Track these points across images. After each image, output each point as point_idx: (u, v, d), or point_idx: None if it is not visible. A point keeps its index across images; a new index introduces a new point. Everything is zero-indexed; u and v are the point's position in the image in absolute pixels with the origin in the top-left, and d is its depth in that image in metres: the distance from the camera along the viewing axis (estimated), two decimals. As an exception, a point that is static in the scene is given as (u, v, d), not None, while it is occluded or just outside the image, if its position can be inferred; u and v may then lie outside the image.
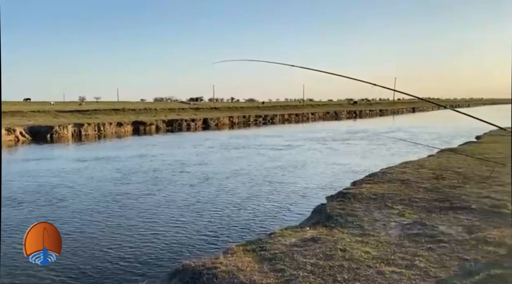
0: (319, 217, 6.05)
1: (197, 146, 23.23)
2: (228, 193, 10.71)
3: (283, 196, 10.23)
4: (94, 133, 37.09)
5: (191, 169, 14.65)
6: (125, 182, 12.35)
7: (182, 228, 7.73)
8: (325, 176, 13.04)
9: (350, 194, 6.99)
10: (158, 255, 6.26)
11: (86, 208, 9.42)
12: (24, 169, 14.95)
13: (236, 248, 4.68)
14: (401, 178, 8.42)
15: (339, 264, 3.96)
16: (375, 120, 57.28)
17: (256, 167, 14.87)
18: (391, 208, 6.13)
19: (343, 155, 18.25)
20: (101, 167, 15.50)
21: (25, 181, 12.61)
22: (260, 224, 7.74)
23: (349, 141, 24.51)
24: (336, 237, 4.83)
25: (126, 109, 52.04)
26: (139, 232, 7.58)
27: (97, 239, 7.21)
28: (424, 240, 4.67)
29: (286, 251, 4.39)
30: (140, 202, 9.94)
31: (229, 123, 48.22)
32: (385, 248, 4.45)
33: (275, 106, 71.02)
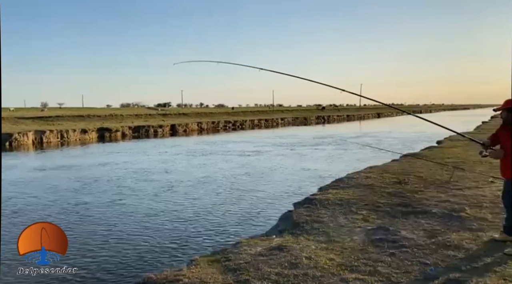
0: (285, 225, 6.04)
1: (162, 153, 22.85)
2: (193, 202, 10.52)
3: (251, 204, 10.16)
4: (56, 141, 35.83)
5: (155, 177, 14.34)
6: (85, 192, 11.90)
7: (144, 239, 7.48)
8: (293, 182, 13.11)
9: (317, 200, 7.04)
10: (119, 268, 6.02)
11: (41, 220, 8.98)
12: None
13: (200, 259, 4.59)
14: (366, 183, 8.57)
15: (303, 272, 3.95)
16: (342, 125, 58.41)
17: (223, 174, 14.75)
18: (356, 214, 6.22)
19: (310, 161, 18.43)
20: (61, 176, 14.91)
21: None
22: (226, 233, 7.62)
23: (317, 146, 24.82)
24: (302, 245, 4.82)
25: (91, 116, 50.67)
26: (98, 244, 7.27)
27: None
28: (387, 245, 4.74)
29: (251, 260, 4.34)
30: (100, 212, 9.58)
31: (198, 129, 47.85)
32: (349, 254, 4.48)
33: (244, 112, 71.16)
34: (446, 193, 7.26)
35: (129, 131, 42.01)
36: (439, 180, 8.55)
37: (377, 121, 75.17)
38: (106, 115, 52.60)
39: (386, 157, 14.65)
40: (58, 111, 59.07)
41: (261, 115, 64.96)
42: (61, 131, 37.33)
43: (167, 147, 27.09)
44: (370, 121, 73.15)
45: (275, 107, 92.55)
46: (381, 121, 74.71)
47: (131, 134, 41.57)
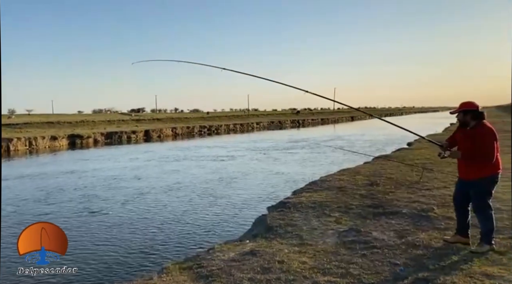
0: (259, 229, 6.02)
1: (134, 160, 22.45)
2: (164, 209, 10.32)
3: (224, 209, 10.07)
4: (24, 148, 34.68)
5: (124, 185, 14.04)
6: (49, 202, 11.49)
7: (112, 249, 7.22)
8: (267, 186, 13.11)
9: (290, 203, 7.06)
10: (86, 278, 5.82)
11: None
12: None
13: (171, 267, 4.50)
14: (338, 185, 8.67)
15: (276, 277, 3.94)
16: (317, 129, 59.07)
17: (196, 180, 14.60)
18: (329, 216, 6.27)
19: (284, 165, 18.52)
20: (24, 186, 14.39)
21: None
22: (199, 239, 7.51)
23: (291, 150, 24.98)
24: (275, 249, 4.81)
25: (61, 122, 49.36)
26: (62, 256, 7.04)
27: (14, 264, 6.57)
28: (358, 247, 4.80)
29: (224, 267, 4.30)
30: (64, 222, 9.23)
31: (172, 134, 47.34)
32: (322, 257, 4.50)
33: (220, 116, 70.93)
34: (416, 194, 7.43)
35: (101, 138, 41.13)
36: (409, 181, 8.75)
37: (350, 124, 76.43)
38: (77, 122, 51.36)
39: (358, 160, 14.90)
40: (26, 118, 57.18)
41: (236, 120, 64.96)
42: (30, 138, 36.18)
43: (139, 153, 26.65)
44: (344, 124, 74.30)
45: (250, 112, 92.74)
46: (355, 124, 75.99)
47: (103, 140, 40.71)
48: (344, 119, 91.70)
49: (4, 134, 36.79)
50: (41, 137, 37.31)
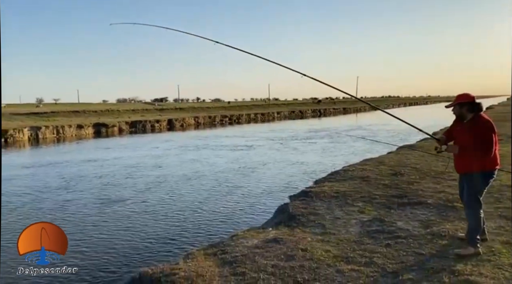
0: (281, 217, 6.05)
1: (156, 148, 22.81)
2: (185, 197, 10.47)
3: (245, 198, 10.14)
4: (52, 136, 35.72)
5: (145, 173, 14.26)
6: (71, 190, 11.77)
7: (138, 234, 7.41)
8: (287, 175, 13.11)
9: (313, 192, 7.05)
10: (113, 264, 5.98)
11: (26, 219, 8.82)
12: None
13: (196, 253, 4.59)
14: (361, 175, 8.59)
15: (299, 264, 3.97)
16: (338, 118, 58.46)
17: (216, 169, 14.73)
18: (352, 206, 6.24)
19: (305, 154, 18.45)
20: (48, 174, 14.84)
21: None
22: (221, 227, 7.62)
23: (311, 140, 24.86)
24: (298, 237, 4.84)
25: (87, 111, 50.47)
26: (89, 242, 7.17)
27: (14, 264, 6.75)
28: (382, 236, 4.77)
29: (248, 253, 4.35)
30: (85, 210, 9.47)
31: (195, 123, 47.78)
32: (345, 246, 4.50)
33: (241, 106, 71.01)
34: (442, 184, 7.30)
35: (126, 126, 41.92)
36: (435, 171, 8.59)
37: (373, 113, 75.27)
38: (102, 110, 52.42)
39: (381, 150, 14.71)
40: (53, 106, 58.67)
41: (257, 109, 64.91)
42: (57, 127, 37.20)
43: (162, 142, 27.07)
44: (366, 114, 73.24)
45: (271, 101, 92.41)
46: (378, 113, 74.80)
47: (128, 129, 41.48)
48: (367, 108, 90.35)
49: (33, 122, 37.95)
50: (68, 126, 38.31)
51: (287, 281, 3.60)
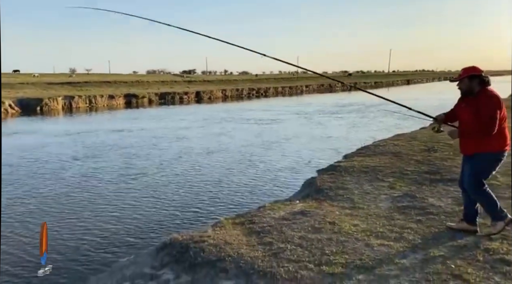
0: (309, 190, 6.01)
1: (183, 120, 23.09)
2: (213, 169, 10.57)
3: (272, 171, 10.17)
4: (85, 106, 36.66)
5: (171, 145, 14.50)
6: (102, 158, 12.08)
7: (165, 204, 7.58)
8: (316, 150, 13.01)
9: (341, 167, 6.95)
10: (142, 231, 6.17)
11: (61, 187, 9.17)
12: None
13: (225, 221, 4.64)
14: (393, 150, 8.39)
15: (327, 237, 3.94)
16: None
17: (242, 142, 14.77)
18: (382, 181, 6.11)
19: (333, 129, 18.20)
20: (75, 142, 15.33)
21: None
22: (249, 198, 7.70)
23: (340, 114, 24.44)
24: (325, 210, 4.80)
25: (118, 82, 51.32)
26: (117, 209, 7.40)
27: (79, 216, 7.08)
28: (413, 212, 4.66)
29: (275, 224, 4.36)
30: (114, 178, 9.69)
31: (222, 96, 47.83)
32: (374, 220, 4.43)
33: (268, 79, 70.42)
34: (477, 162, 7.02)
35: (155, 98, 42.49)
36: (470, 148, 8.26)
37: (406, 87, 73.03)
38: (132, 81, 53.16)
39: (413, 125, 14.27)
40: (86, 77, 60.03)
41: (285, 83, 64.18)
42: (89, 96, 38.08)
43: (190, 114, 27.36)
44: (398, 88, 71.14)
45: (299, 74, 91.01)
46: (411, 87, 72.53)
47: (157, 100, 42.05)
48: (400, 82, 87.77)
49: (66, 92, 39.00)
50: (100, 96, 39.15)
51: (315, 253, 3.59)
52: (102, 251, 5.58)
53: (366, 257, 3.48)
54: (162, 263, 3.64)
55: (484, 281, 3.05)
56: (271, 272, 3.24)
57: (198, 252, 3.62)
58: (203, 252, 3.61)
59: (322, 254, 3.57)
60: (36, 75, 49.97)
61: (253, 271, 3.29)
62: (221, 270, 3.36)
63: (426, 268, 3.26)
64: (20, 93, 35.48)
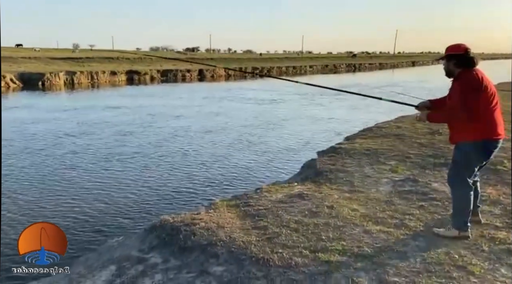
0: (308, 173, 5.83)
1: (182, 99, 22.79)
2: (210, 149, 10.31)
3: (270, 152, 9.95)
4: (87, 82, 36.35)
5: (166, 124, 14.22)
6: (96, 136, 11.88)
7: (161, 183, 7.37)
8: (317, 132, 12.79)
9: (342, 149, 6.74)
10: (136, 210, 6.02)
11: (40, 164, 8.98)
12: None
13: (219, 203, 4.48)
14: (396, 133, 8.16)
15: (324, 222, 3.77)
16: (373, 74, 56.35)
17: (241, 123, 14.52)
18: (384, 164, 5.91)
19: (335, 111, 17.92)
20: (70, 119, 15.17)
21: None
22: (246, 180, 7.52)
23: (343, 95, 23.99)
24: (324, 194, 4.62)
25: (120, 58, 50.72)
26: (108, 188, 7.22)
27: (67, 194, 6.92)
28: (415, 197, 4.48)
29: (271, 207, 4.19)
30: (106, 156, 9.48)
31: (225, 74, 47.31)
32: (374, 205, 4.26)
33: (272, 58, 69.43)
34: (483, 146, 6.80)
35: (158, 75, 42.07)
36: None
37: (411, 69, 72.03)
38: (135, 58, 52.53)
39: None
40: (89, 53, 59.30)
41: (289, 62, 63.35)
42: (91, 72, 37.71)
43: (190, 92, 27.05)
44: (403, 70, 70.19)
45: (304, 54, 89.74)
46: (416, 69, 71.50)
47: (159, 77, 41.66)
48: (404, 64, 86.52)
49: (69, 67, 38.60)
50: (102, 72, 38.75)
51: (310, 238, 3.42)
52: (91, 230, 5.46)
53: (364, 244, 3.31)
54: (151, 246, 3.49)
55: (489, 273, 2.89)
56: (264, 258, 3.08)
57: (189, 236, 3.46)
58: (194, 236, 3.45)
59: (318, 240, 3.41)
60: (38, 49, 49.27)
61: (245, 256, 3.13)
62: (211, 255, 3.20)
63: (428, 258, 3.09)
64: (22, 68, 35.17)
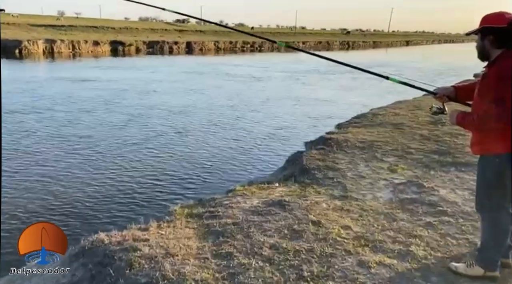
0: (292, 169, 4.95)
1: (160, 72, 21.59)
2: (179, 135, 8.92)
3: (252, 140, 8.75)
4: (68, 51, 34.68)
5: (134, 101, 13.00)
6: (49, 113, 10.74)
7: (106, 179, 6.00)
8: (306, 115, 11.80)
9: (333, 140, 5.85)
10: (72, 224, 4.74)
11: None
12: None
13: (178, 211, 3.60)
14: (393, 121, 7.29)
15: (308, 247, 2.90)
16: (367, 52, 55.19)
17: (220, 102, 13.39)
18: (381, 161, 5.06)
19: (326, 91, 16.94)
20: (39, 91, 14.08)
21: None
22: (218, 175, 6.36)
23: (335, 74, 23.03)
24: (310, 201, 3.75)
25: (105, 27, 48.66)
26: (49, 179, 6.12)
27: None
28: (421, 210, 3.64)
29: (242, 221, 3.31)
30: (60, 140, 8.24)
31: (215, 48, 45.84)
32: (371, 220, 3.41)
33: (264, 33, 67.47)
34: (493, 141, 5.97)
35: (143, 46, 40.42)
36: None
37: (405, 49, 70.89)
38: (121, 28, 50.47)
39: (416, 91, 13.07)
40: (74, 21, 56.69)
41: (281, 37, 61.62)
42: (73, 41, 35.95)
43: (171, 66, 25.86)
44: (397, 49, 69.02)
45: (297, 30, 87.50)
46: (410, 49, 70.35)
47: (145, 49, 40.04)
48: (399, 43, 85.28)
49: (49, 35, 36.69)
50: (84, 41, 36.99)
51: (288, 275, 2.57)
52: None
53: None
54: (73, 280, 2.60)
55: None
56: (222, 309, 2.22)
57: (123, 268, 2.56)
58: (130, 269, 2.56)
59: (298, 278, 2.55)
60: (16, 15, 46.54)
61: (196, 304, 2.26)
62: (150, 301, 2.32)
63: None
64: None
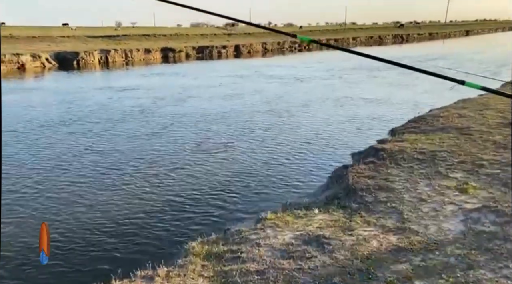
0: (336, 190, 4.21)
1: (207, 77, 21.31)
2: (211, 145, 8.08)
3: (290, 151, 7.60)
4: (121, 60, 35.84)
5: (168, 110, 12.32)
6: (78, 125, 10.42)
7: (124, 200, 5.47)
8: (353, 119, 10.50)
9: (386, 151, 5.01)
10: (90, 255, 4.04)
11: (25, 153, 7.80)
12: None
13: (196, 248, 3.04)
14: (458, 125, 6.26)
15: (351, 311, 2.19)
16: (422, 45, 52.03)
17: (263, 107, 12.37)
18: (446, 177, 4.18)
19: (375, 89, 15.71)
20: (71, 103, 13.89)
21: None
22: (248, 196, 5.14)
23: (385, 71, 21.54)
24: (356, 237, 3.03)
25: (157, 35, 50.03)
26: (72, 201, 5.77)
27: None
28: (505, 250, 2.78)
29: (269, 267, 2.67)
30: (77, 154, 7.98)
31: (262, 50, 45.36)
32: (439, 269, 2.61)
33: (313, 31, 66.13)
34: None
35: (193, 52, 40.88)
36: None
37: (464, 39, 66.20)
38: (171, 35, 51.66)
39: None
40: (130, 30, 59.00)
41: (330, 35, 59.97)
42: (125, 50, 37.10)
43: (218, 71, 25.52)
44: (456, 40, 64.59)
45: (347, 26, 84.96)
46: (470, 39, 65.54)
47: (195, 54, 40.48)
48: (457, 33, 79.95)
49: (105, 45, 38.28)
50: (136, 50, 38.06)
51: None
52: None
53: None
54: None
55: None
56: None
57: None
58: None
59: None
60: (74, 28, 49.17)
61: None
62: None
63: None
64: (59, 47, 35.18)
